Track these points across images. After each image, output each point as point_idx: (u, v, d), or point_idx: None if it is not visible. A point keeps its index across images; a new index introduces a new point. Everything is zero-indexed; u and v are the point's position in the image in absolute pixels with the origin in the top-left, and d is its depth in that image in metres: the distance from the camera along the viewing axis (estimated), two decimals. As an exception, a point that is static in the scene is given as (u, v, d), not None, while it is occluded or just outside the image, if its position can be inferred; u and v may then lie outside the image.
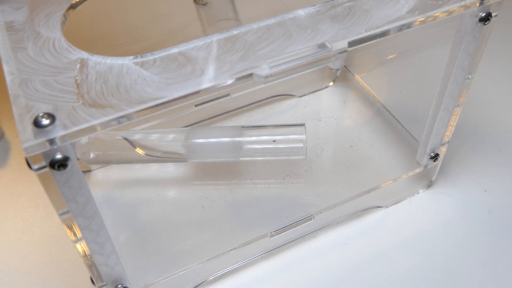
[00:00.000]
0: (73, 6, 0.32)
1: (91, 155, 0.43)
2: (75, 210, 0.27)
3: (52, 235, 0.43)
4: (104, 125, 0.24)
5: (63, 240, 0.42)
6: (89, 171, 0.47)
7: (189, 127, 0.49)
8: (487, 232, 0.42)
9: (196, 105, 0.50)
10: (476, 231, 0.43)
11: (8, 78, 0.26)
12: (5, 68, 0.27)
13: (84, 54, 0.28)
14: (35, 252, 0.42)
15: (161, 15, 0.51)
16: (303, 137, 0.43)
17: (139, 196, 0.45)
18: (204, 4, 0.38)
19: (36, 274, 0.40)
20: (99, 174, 0.47)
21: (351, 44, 0.28)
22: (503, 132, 0.51)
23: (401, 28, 0.29)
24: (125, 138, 0.43)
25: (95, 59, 0.28)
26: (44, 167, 0.24)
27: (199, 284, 0.39)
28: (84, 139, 0.43)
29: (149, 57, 0.28)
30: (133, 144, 0.43)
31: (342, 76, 0.56)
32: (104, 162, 0.45)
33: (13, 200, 0.46)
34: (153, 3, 0.51)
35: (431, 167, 0.44)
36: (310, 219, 0.40)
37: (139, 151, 0.43)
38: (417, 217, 0.44)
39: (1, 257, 0.41)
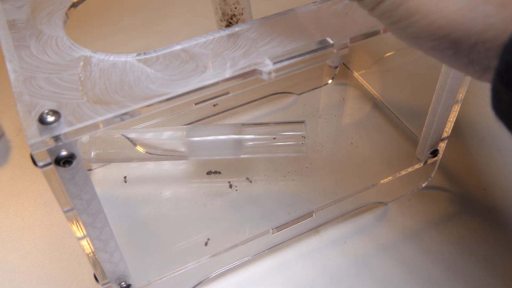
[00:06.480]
0: (74, 5, 0.32)
1: (92, 154, 0.43)
2: (80, 207, 0.27)
3: (52, 233, 0.43)
4: (109, 121, 0.24)
5: (64, 238, 0.42)
6: (90, 169, 0.47)
7: (190, 125, 0.49)
8: (487, 231, 0.43)
9: (196, 103, 0.49)
10: (476, 230, 0.43)
11: (11, 76, 0.26)
12: (9, 66, 0.27)
13: (87, 52, 0.28)
14: (35, 250, 0.42)
15: (163, 13, 0.51)
16: (303, 134, 0.43)
17: (140, 194, 0.45)
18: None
19: (37, 272, 0.40)
20: (100, 173, 0.47)
21: (352, 40, 0.28)
22: (502, 131, 0.51)
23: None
24: (126, 137, 0.43)
25: (98, 57, 0.28)
26: (49, 164, 0.24)
27: (202, 281, 0.39)
28: (85, 138, 0.43)
29: (152, 54, 0.28)
30: (134, 143, 0.43)
31: (340, 73, 0.56)
32: (105, 160, 0.45)
33: (14, 198, 0.45)
34: (154, 2, 0.51)
35: (431, 162, 0.44)
36: (311, 216, 0.41)
37: (140, 149, 0.43)
38: (417, 213, 0.44)
39: (2, 255, 0.41)
